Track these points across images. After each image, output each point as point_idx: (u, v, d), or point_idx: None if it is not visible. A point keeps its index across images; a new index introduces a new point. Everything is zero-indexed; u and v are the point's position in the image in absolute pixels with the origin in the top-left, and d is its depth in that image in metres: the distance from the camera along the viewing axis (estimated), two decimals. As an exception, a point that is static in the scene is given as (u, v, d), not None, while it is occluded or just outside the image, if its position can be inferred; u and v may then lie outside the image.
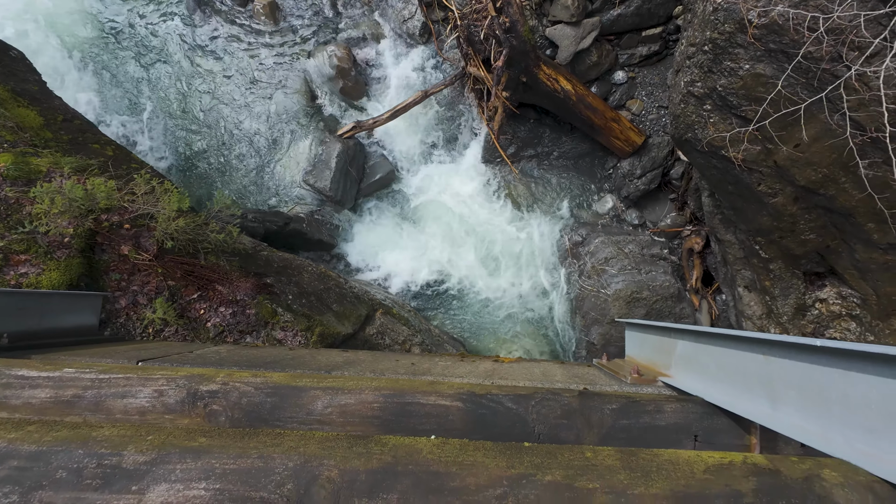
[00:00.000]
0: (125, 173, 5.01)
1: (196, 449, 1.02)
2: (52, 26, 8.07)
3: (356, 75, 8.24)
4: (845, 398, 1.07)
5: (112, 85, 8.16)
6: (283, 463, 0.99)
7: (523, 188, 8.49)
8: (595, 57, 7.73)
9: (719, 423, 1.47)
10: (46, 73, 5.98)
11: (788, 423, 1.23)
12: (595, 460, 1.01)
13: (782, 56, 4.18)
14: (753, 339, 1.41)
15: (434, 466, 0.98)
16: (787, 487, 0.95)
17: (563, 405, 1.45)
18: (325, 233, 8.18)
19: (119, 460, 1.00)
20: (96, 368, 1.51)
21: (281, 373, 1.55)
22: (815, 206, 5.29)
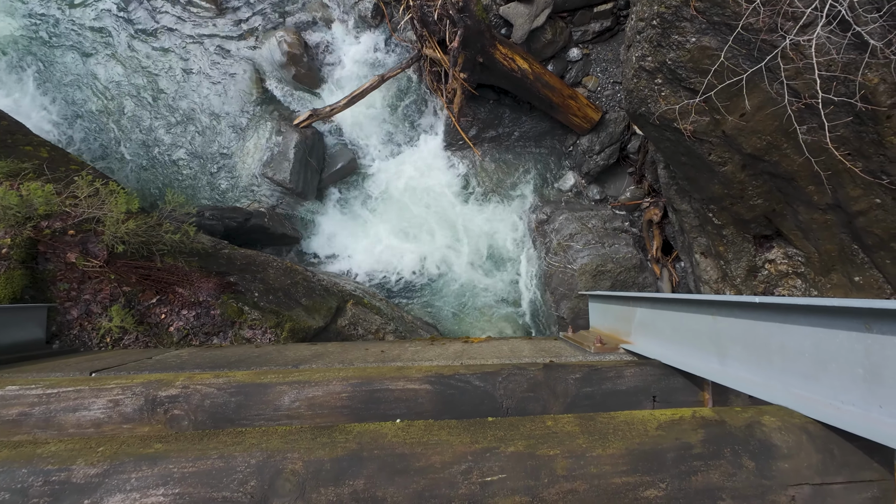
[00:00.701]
0: (64, 176, 4.70)
1: (152, 456, 0.99)
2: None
3: (309, 61, 7.96)
4: (783, 349, 1.16)
5: (44, 84, 7.56)
6: (245, 461, 0.98)
7: (487, 170, 8.52)
8: (549, 35, 7.76)
9: (675, 382, 1.56)
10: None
11: (735, 376, 1.33)
12: (556, 428, 1.05)
13: (725, 28, 4.33)
14: (702, 301, 1.50)
15: (399, 449, 1.00)
16: (730, 435, 1.02)
17: (528, 379, 1.49)
18: (289, 226, 7.98)
19: (68, 475, 0.96)
20: (43, 383, 1.43)
21: (245, 371, 1.52)
22: (761, 173, 5.56)
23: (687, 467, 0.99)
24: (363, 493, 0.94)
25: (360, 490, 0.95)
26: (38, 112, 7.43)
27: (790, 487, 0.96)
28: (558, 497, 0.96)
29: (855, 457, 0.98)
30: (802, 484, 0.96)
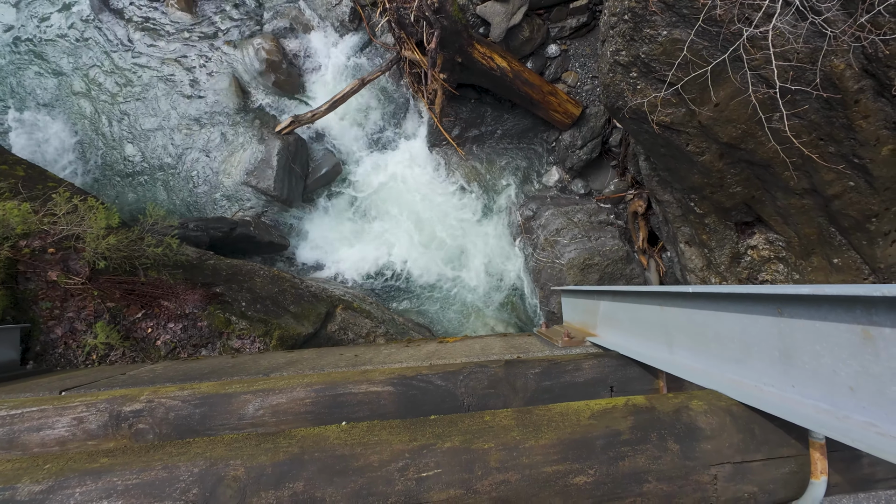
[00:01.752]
0: (41, 193, 4.67)
1: (97, 470, 1.02)
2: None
3: (288, 68, 7.95)
4: (717, 336, 1.21)
5: (16, 99, 7.49)
6: (188, 470, 1.01)
7: (471, 169, 8.55)
8: (527, 32, 7.81)
9: (631, 372, 1.60)
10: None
11: (682, 364, 1.38)
12: (493, 422, 1.09)
13: (693, 20, 4.39)
14: (652, 293, 1.54)
15: (339, 450, 1.03)
16: (658, 421, 1.07)
17: (489, 376, 1.53)
18: (276, 234, 7.97)
19: (12, 494, 0.99)
20: (7, 405, 1.43)
21: (210, 382, 1.54)
22: (738, 161, 5.65)
23: (615, 453, 1.03)
24: (302, 495, 0.98)
25: (300, 492, 0.99)
26: (13, 130, 7.36)
27: (712, 467, 1.01)
28: (491, 488, 1.00)
29: (775, 435, 1.03)
30: (724, 463, 1.01)
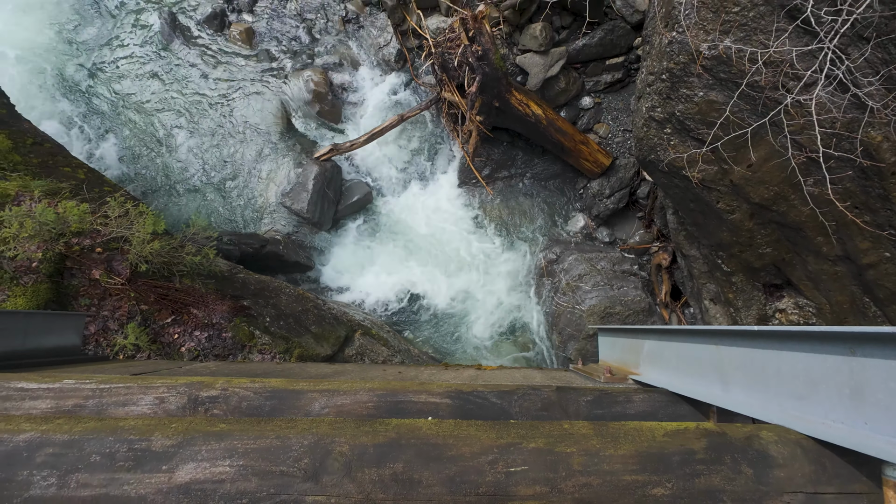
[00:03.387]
0: (98, 196, 4.95)
1: (218, 433, 1.11)
2: (28, 54, 7.97)
3: (333, 99, 8.41)
4: (779, 373, 1.25)
5: (86, 110, 8.06)
6: (298, 442, 1.10)
7: (498, 209, 8.73)
8: (563, 83, 8.15)
9: (682, 409, 1.62)
10: (17, 97, 5.90)
11: (737, 400, 1.41)
12: (572, 430, 1.14)
13: (731, 85, 4.57)
14: (706, 332, 1.59)
15: (433, 440, 1.10)
16: (731, 444, 1.10)
17: (542, 398, 1.57)
18: (303, 255, 8.16)
19: (148, 444, 1.08)
20: (95, 379, 1.52)
21: (278, 378, 1.61)
22: (769, 222, 5.66)
23: (691, 470, 1.06)
24: (402, 475, 1.05)
25: (399, 472, 1.06)
26: (78, 136, 7.87)
27: (785, 494, 1.03)
28: (574, 489, 1.04)
29: (846, 470, 1.05)
30: (797, 492, 1.02)
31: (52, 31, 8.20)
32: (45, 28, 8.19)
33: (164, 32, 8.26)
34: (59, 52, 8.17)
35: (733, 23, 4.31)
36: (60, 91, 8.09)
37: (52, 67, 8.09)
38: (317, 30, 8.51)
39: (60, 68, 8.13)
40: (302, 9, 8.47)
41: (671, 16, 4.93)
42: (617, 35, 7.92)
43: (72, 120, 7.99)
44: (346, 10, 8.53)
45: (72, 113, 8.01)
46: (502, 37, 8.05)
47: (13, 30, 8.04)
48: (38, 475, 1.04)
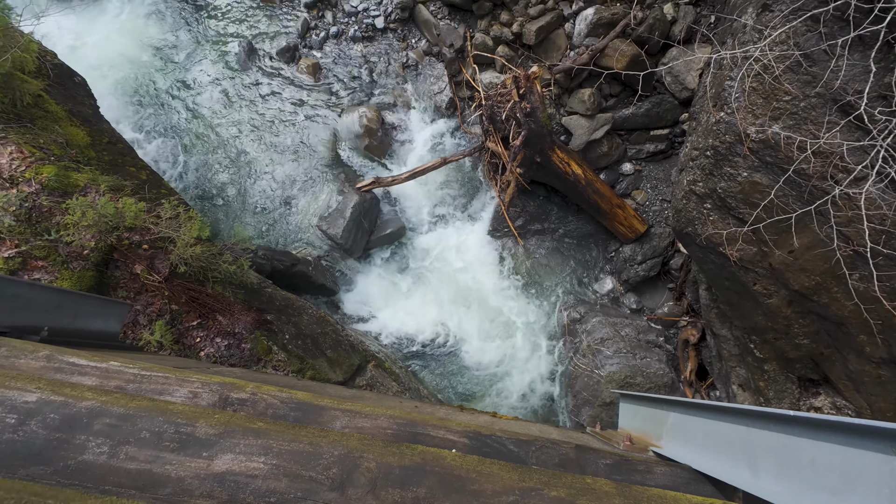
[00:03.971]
0: (154, 197, 5.27)
1: (256, 430, 1.16)
2: (119, 64, 8.83)
3: (382, 136, 8.82)
4: (814, 464, 1.18)
5: (158, 119, 8.74)
6: (329, 451, 1.12)
7: (527, 260, 8.73)
8: (606, 147, 8.31)
9: (705, 488, 1.52)
10: (102, 100, 6.47)
11: (766, 487, 1.32)
12: (594, 486, 1.11)
13: (777, 169, 4.56)
14: (738, 411, 1.52)
15: (457, 471, 1.10)
16: None
17: (560, 454, 1.52)
18: (329, 278, 8.32)
19: (193, 430, 1.13)
20: (138, 365, 1.60)
21: (305, 392, 1.64)
22: (809, 312, 5.44)
23: None
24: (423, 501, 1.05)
25: (422, 497, 1.06)
26: (146, 141, 8.51)
27: None
28: None
29: None
30: None
31: (144, 47, 9.08)
32: (139, 44, 9.08)
33: (241, 59, 9.00)
34: (146, 66, 9.00)
35: (783, 110, 4.36)
36: (139, 99, 8.84)
37: (137, 78, 8.89)
38: (377, 72, 9.08)
39: (144, 80, 8.93)
40: (367, 52, 9.11)
41: (721, 97, 5.04)
42: (664, 108, 8.10)
43: (144, 126, 8.67)
44: (408, 57, 9.11)
45: (146, 119, 8.70)
46: (551, 97, 8.37)
47: (112, 42, 8.95)
48: (93, 441, 1.09)
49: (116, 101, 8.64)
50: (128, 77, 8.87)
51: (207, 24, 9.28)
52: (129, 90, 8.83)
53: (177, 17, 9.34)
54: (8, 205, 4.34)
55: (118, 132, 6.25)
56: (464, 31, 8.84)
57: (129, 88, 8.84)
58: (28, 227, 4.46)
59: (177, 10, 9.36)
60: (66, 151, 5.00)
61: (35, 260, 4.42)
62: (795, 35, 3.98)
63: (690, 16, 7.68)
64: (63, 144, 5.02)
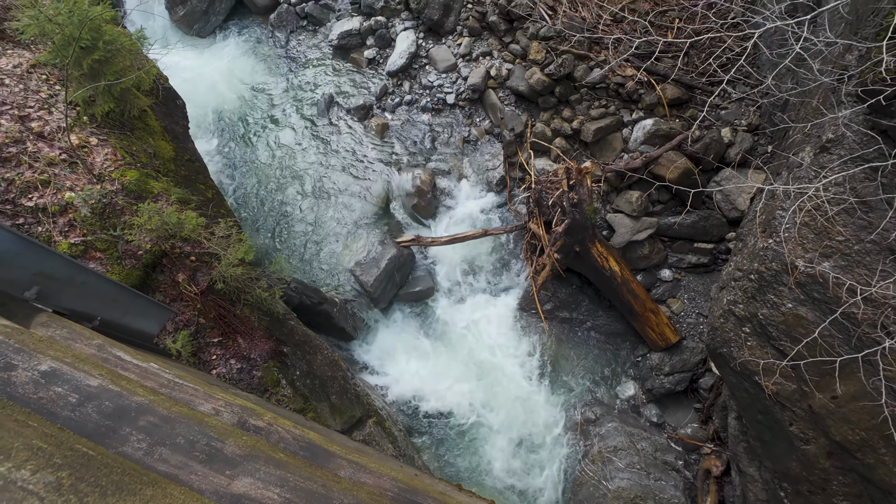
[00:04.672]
0: (214, 215, 5.65)
1: (277, 461, 1.18)
2: (214, 94, 9.95)
3: (431, 198, 9.23)
4: None
5: (235, 142, 9.59)
6: (340, 498, 1.13)
7: (549, 347, 8.52)
8: (647, 250, 8.31)
9: None
10: (193, 121, 7.22)
11: None
12: None
13: (824, 307, 4.40)
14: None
15: None
16: None
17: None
18: (350, 323, 8.38)
19: (222, 447, 1.16)
20: (173, 372, 1.67)
21: (316, 434, 1.64)
22: (851, 470, 4.94)
23: None
24: None
25: None
26: (218, 163, 9.28)
27: None
28: None
29: None
30: None
31: (241, 85, 10.20)
32: (238, 82, 10.23)
33: (320, 108, 9.90)
34: (238, 101, 10.05)
35: (835, 250, 4.30)
36: (224, 126, 9.79)
37: (228, 109, 9.91)
38: (439, 141, 9.71)
39: (233, 111, 9.93)
40: (433, 122, 9.82)
41: (770, 225, 5.04)
42: (711, 223, 8.12)
43: (221, 148, 9.51)
44: (470, 132, 9.74)
45: (224, 143, 9.55)
46: (599, 192, 8.61)
47: (216, 76, 10.13)
48: (135, 436, 1.13)
49: (205, 124, 9.60)
50: (220, 106, 9.91)
51: (299, 75, 10.38)
52: (218, 117, 9.82)
53: (275, 66, 10.52)
54: (89, 198, 4.78)
55: (198, 151, 6.88)
56: (526, 119, 9.43)
57: (219, 116, 9.84)
58: (98, 221, 4.86)
59: (277, 60, 10.58)
60: (151, 161, 5.54)
61: (95, 251, 4.76)
62: (853, 181, 4.02)
63: (747, 142, 7.91)
64: (151, 155, 5.57)
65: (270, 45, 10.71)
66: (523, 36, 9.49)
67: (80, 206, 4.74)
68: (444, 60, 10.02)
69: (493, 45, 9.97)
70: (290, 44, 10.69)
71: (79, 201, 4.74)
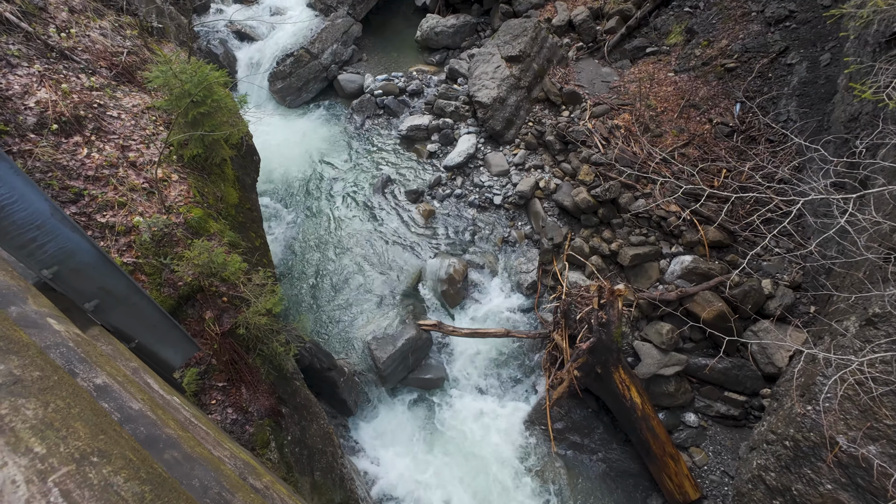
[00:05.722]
0: (256, 262, 5.93)
1: None
2: (285, 155, 10.99)
3: (461, 288, 9.34)
4: None
5: (293, 199, 10.31)
6: None
7: (554, 469, 7.85)
8: (672, 388, 7.87)
9: None
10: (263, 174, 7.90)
11: None
12: None
13: (869, 497, 3.94)
14: None
15: None
16: None
17: None
18: (353, 397, 8.12)
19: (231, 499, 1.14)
20: (191, 411, 1.70)
21: None
22: None
23: None
24: None
25: None
26: (271, 215, 9.92)
27: None
28: None
29: None
30: None
31: (312, 153, 11.24)
32: (310, 150, 11.29)
33: (376, 185, 10.65)
34: (306, 165, 11.01)
35: (882, 434, 3.95)
36: (286, 184, 10.62)
37: (294, 169, 10.83)
38: (479, 236, 10.08)
39: (298, 173, 10.83)
40: (477, 218, 10.29)
41: (809, 390, 4.75)
42: (744, 374, 7.70)
43: (278, 203, 10.22)
44: (510, 234, 10.08)
45: (281, 199, 10.28)
46: (629, 317, 8.46)
47: (294, 141, 11.26)
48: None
49: (272, 179, 10.46)
50: (289, 166, 10.86)
51: (365, 154, 11.36)
52: (284, 176, 10.72)
53: (347, 143, 11.62)
54: (153, 225, 5.18)
55: (258, 202, 7.43)
56: (566, 231, 9.73)
57: (285, 174, 10.74)
58: (154, 247, 5.20)
59: (350, 139, 11.70)
60: (216, 204, 6.02)
61: (142, 274, 5.04)
62: (902, 362, 3.82)
63: (789, 298, 7.75)
64: (218, 198, 6.07)
65: (347, 126, 11.94)
66: (575, 158, 10.17)
67: (143, 230, 5.13)
68: (497, 165, 10.77)
69: (546, 161, 10.70)
70: (365, 127, 11.89)
71: (143, 226, 5.14)
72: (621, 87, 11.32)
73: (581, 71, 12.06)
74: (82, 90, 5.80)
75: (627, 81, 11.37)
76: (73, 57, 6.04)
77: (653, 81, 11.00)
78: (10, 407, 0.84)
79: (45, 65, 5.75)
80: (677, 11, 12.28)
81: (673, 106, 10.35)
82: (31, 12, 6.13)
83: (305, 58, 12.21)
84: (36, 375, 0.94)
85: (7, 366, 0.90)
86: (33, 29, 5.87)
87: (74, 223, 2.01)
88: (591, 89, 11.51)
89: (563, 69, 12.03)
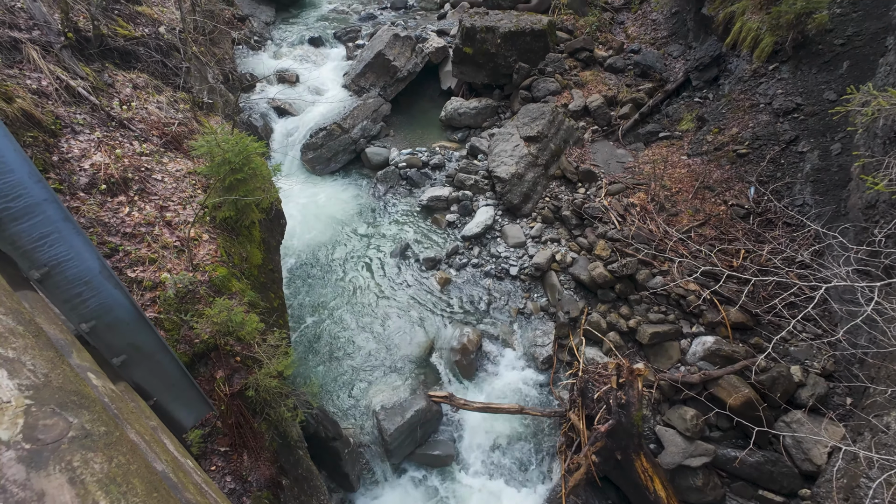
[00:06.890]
0: (272, 323, 5.98)
1: None
2: (310, 218, 11.45)
3: (474, 359, 9.12)
4: None
5: (313, 261, 10.56)
6: None
7: (570, 572, 7.08)
8: (700, 481, 7.26)
9: None
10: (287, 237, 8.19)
11: None
12: None
13: None
14: None
15: None
16: None
17: None
18: (356, 471, 7.69)
19: None
20: (202, 476, 1.66)
21: None
22: None
23: None
24: None
25: None
26: (291, 274, 10.13)
27: None
28: None
29: None
30: None
31: (335, 219, 11.69)
32: (334, 216, 11.76)
33: (395, 252, 10.89)
34: (328, 230, 11.40)
35: (943, 552, 3.52)
36: (308, 246, 10.94)
37: (316, 233, 11.21)
38: (494, 306, 10.02)
39: (319, 236, 11.20)
40: (493, 288, 10.30)
41: (853, 492, 4.34)
42: (779, 471, 7.09)
43: (298, 264, 10.46)
44: (526, 305, 10.01)
45: (302, 260, 10.54)
46: (650, 399, 8.05)
47: (318, 206, 11.78)
48: None
49: (294, 239, 10.81)
50: (312, 230, 11.26)
51: (385, 221, 11.76)
52: (307, 238, 11.08)
53: (369, 210, 12.10)
54: (179, 282, 5.35)
55: (281, 265, 7.64)
56: (583, 305, 9.62)
57: (308, 237, 11.11)
58: (176, 303, 5.33)
59: (372, 207, 12.20)
60: (241, 264, 6.22)
61: (161, 329, 5.11)
62: (954, 467, 3.49)
63: (821, 388, 7.32)
64: (243, 258, 6.28)
65: (370, 194, 12.51)
66: (592, 233, 10.32)
67: (168, 286, 5.29)
68: (514, 237, 10.97)
69: (563, 235, 10.87)
70: (387, 195, 12.42)
71: (170, 282, 5.31)
72: (636, 167, 11.75)
73: (596, 151, 12.62)
74: (133, 155, 6.31)
75: (642, 162, 11.80)
76: (129, 126, 6.65)
77: (667, 163, 11.40)
78: (81, 460, 0.86)
79: (105, 132, 6.33)
80: (687, 101, 13.02)
81: (687, 187, 10.61)
82: (101, 87, 6.87)
83: (337, 132, 13.13)
84: (102, 431, 0.96)
85: (80, 419, 0.93)
86: (99, 102, 6.54)
87: (118, 280, 2.12)
88: (607, 168, 11.96)
89: (580, 149, 12.61)
